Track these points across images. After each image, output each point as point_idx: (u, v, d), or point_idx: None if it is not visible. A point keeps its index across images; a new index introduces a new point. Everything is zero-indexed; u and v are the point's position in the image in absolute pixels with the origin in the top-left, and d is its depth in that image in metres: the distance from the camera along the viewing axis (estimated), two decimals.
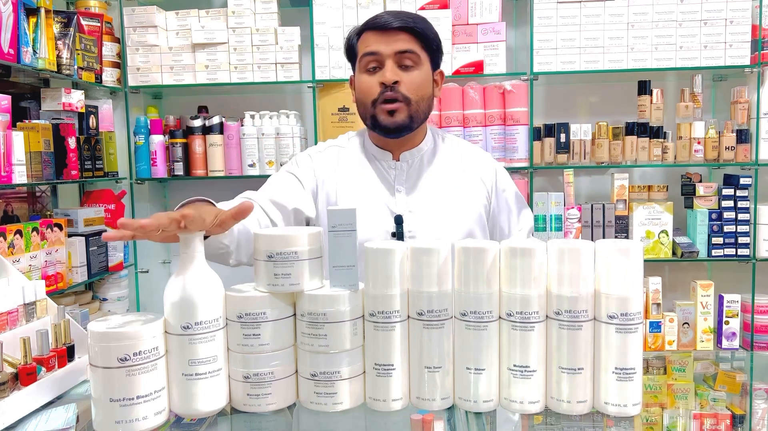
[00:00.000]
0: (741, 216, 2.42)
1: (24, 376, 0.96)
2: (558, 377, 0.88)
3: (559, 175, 2.60)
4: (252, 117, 2.54)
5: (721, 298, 2.46)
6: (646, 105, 2.43)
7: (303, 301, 0.91)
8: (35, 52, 1.98)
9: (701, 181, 2.54)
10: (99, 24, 2.42)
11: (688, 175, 2.57)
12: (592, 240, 0.89)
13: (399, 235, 1.39)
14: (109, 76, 2.51)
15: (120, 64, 2.56)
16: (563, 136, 2.43)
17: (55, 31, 2.12)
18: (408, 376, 0.92)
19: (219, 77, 2.52)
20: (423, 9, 2.42)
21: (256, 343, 0.89)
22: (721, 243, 2.43)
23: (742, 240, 2.42)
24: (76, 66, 2.23)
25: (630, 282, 0.86)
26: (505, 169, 1.59)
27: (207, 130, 2.55)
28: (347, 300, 0.90)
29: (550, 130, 2.45)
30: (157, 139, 2.56)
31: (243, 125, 2.54)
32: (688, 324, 2.47)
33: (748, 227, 2.42)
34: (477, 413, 0.92)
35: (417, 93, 1.37)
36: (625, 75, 2.46)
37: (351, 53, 1.44)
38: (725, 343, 2.46)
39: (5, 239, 1.78)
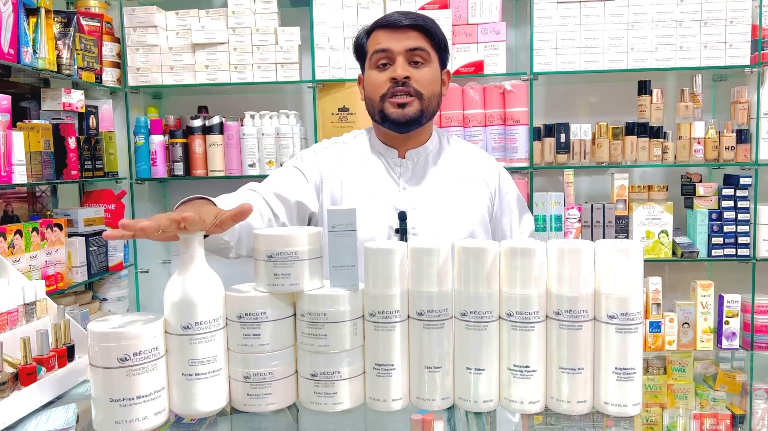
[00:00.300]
0: (741, 216, 2.42)
1: (24, 376, 0.96)
2: (558, 377, 0.88)
3: (559, 175, 2.60)
4: (252, 117, 2.54)
5: (721, 298, 2.46)
6: (646, 105, 2.43)
7: (303, 301, 0.91)
8: (35, 52, 1.98)
9: (701, 181, 2.54)
10: (99, 24, 2.42)
11: (688, 175, 2.57)
12: (592, 240, 0.89)
13: (402, 231, 1.40)
14: (109, 76, 2.51)
15: (120, 64, 2.56)
16: (563, 136, 2.43)
17: (55, 31, 2.12)
18: (408, 376, 0.92)
19: (219, 77, 2.52)
20: (423, 9, 2.42)
21: (256, 343, 0.89)
22: (721, 243, 2.43)
23: (742, 240, 2.42)
24: (76, 66, 2.23)
25: (630, 282, 0.86)
26: (506, 169, 1.59)
27: (207, 130, 2.55)
28: (347, 300, 0.90)
29: (550, 130, 2.45)
30: (157, 139, 2.56)
31: (243, 125, 2.54)
32: (688, 324, 2.47)
33: (748, 227, 2.42)
34: (477, 413, 0.92)
35: (428, 89, 1.39)
36: (625, 75, 2.45)
37: (360, 52, 1.46)
38: (725, 343, 2.46)
39: (5, 239, 1.78)
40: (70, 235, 2.15)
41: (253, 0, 2.53)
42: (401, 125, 1.39)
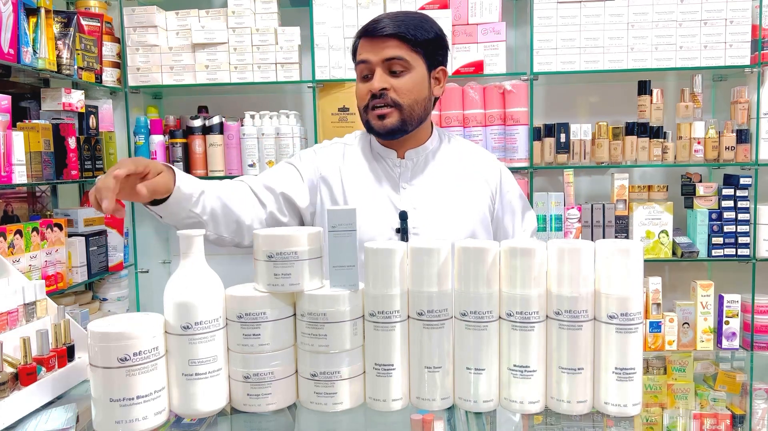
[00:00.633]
0: (741, 216, 2.42)
1: (24, 376, 0.96)
2: (558, 377, 0.88)
3: (559, 175, 2.60)
4: (252, 117, 2.54)
5: (721, 298, 2.46)
6: (646, 105, 2.43)
7: (303, 301, 0.91)
8: (35, 52, 1.98)
9: (701, 181, 2.54)
10: (99, 24, 2.42)
11: (688, 175, 2.57)
12: (592, 240, 0.89)
13: (403, 231, 1.40)
14: (109, 76, 2.51)
15: (120, 64, 2.56)
16: (563, 136, 2.43)
17: (55, 31, 2.12)
18: (408, 376, 0.92)
19: (219, 77, 2.52)
20: (423, 9, 2.42)
21: (256, 343, 0.89)
22: (721, 243, 2.43)
23: (742, 240, 2.42)
24: (76, 66, 2.23)
25: (630, 282, 0.86)
26: (510, 172, 1.59)
27: (207, 130, 2.55)
28: (347, 300, 0.90)
29: (550, 130, 2.45)
30: (157, 139, 2.56)
31: (243, 125, 2.54)
32: (688, 324, 2.47)
33: (748, 227, 2.42)
34: (477, 413, 0.92)
35: (408, 97, 1.38)
36: (625, 75, 2.45)
37: (354, 58, 1.47)
38: (725, 343, 2.46)
39: (5, 239, 1.78)
40: (70, 235, 2.15)
41: (253, 0, 2.53)
42: (383, 136, 1.42)
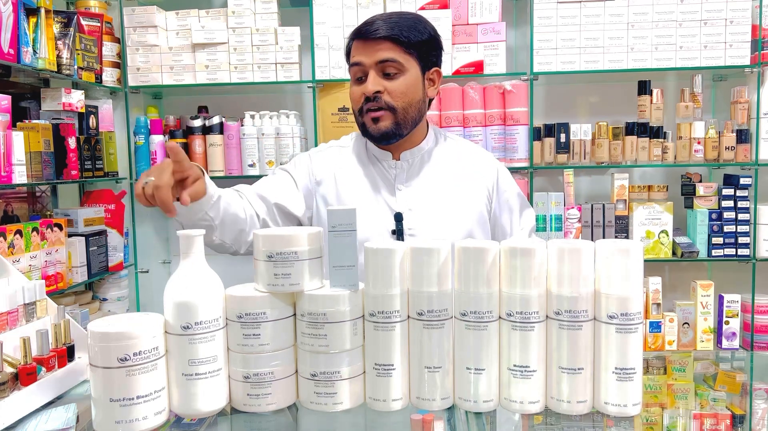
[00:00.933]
0: (741, 216, 2.42)
1: (24, 376, 0.96)
2: (558, 377, 0.88)
3: (559, 175, 2.60)
4: (252, 117, 2.54)
5: (721, 298, 2.46)
6: (646, 105, 2.43)
7: (303, 301, 0.91)
8: (35, 52, 1.98)
9: (701, 181, 2.54)
10: (99, 24, 2.42)
11: (688, 175, 2.57)
12: (592, 240, 0.89)
13: (399, 232, 1.40)
14: (109, 76, 2.50)
15: (120, 64, 2.56)
16: (563, 136, 2.43)
17: (55, 31, 2.12)
18: (408, 376, 0.92)
19: (219, 77, 2.52)
20: (423, 9, 2.42)
21: (256, 343, 0.89)
22: (721, 243, 2.43)
23: (742, 240, 2.42)
24: (76, 66, 2.23)
25: (630, 282, 0.86)
26: (507, 170, 1.59)
27: (207, 130, 2.55)
28: (347, 300, 0.90)
29: (550, 130, 2.45)
30: (157, 139, 2.56)
31: (243, 125, 2.54)
32: (688, 324, 2.47)
33: (748, 227, 2.42)
34: (477, 413, 0.92)
35: (402, 100, 1.37)
36: (625, 75, 2.45)
37: (348, 59, 1.46)
38: (725, 343, 2.46)
39: (5, 239, 1.78)
40: (70, 235, 2.15)
41: (253, 0, 2.53)
42: (378, 140, 1.42)
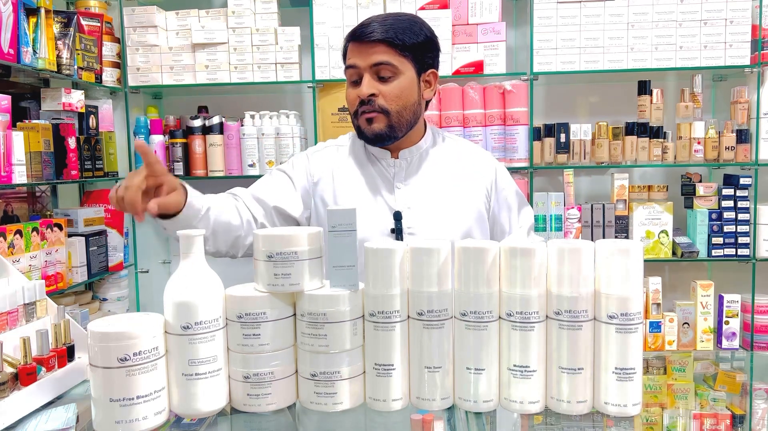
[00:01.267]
0: (741, 216, 2.42)
1: (24, 376, 0.96)
2: (558, 377, 0.88)
3: (559, 175, 2.60)
4: (252, 117, 2.54)
5: (721, 298, 2.46)
6: (646, 105, 2.43)
7: (303, 301, 0.91)
8: (35, 52, 1.98)
9: (701, 181, 2.54)
10: (99, 24, 2.42)
11: (688, 175, 2.57)
12: (592, 240, 0.89)
13: (398, 231, 1.40)
14: (109, 76, 2.50)
15: (120, 64, 2.56)
16: (563, 136, 2.43)
17: (55, 31, 2.12)
18: (408, 376, 0.92)
19: (219, 77, 2.52)
20: (423, 9, 2.42)
21: (256, 343, 0.89)
22: (721, 243, 2.43)
23: (742, 240, 2.42)
24: (76, 66, 2.23)
25: (630, 282, 0.86)
26: (505, 169, 1.59)
27: (207, 130, 2.55)
28: (347, 300, 0.90)
29: (550, 130, 2.45)
30: (157, 139, 2.56)
31: (243, 125, 2.54)
32: (688, 324, 2.47)
33: (748, 227, 2.42)
34: (477, 413, 0.92)
35: (396, 103, 1.37)
36: (625, 75, 2.45)
37: (344, 61, 1.46)
38: (725, 343, 2.46)
39: (5, 239, 1.78)
40: (70, 235, 2.15)
41: (253, 0, 2.53)
42: (372, 141, 1.42)
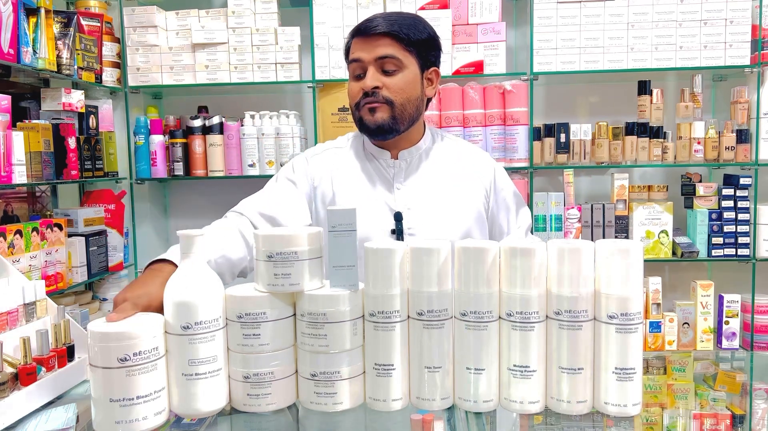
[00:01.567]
0: (741, 216, 2.42)
1: (24, 376, 0.96)
2: (558, 377, 0.88)
3: (559, 175, 2.60)
4: (252, 117, 2.54)
5: (721, 298, 2.46)
6: (646, 105, 2.43)
7: (303, 301, 0.91)
8: (35, 52, 1.98)
9: (701, 181, 2.54)
10: (99, 24, 2.42)
11: (688, 175, 2.57)
12: (592, 240, 0.89)
13: (398, 232, 1.40)
14: (109, 76, 2.51)
15: (120, 64, 2.56)
16: (563, 136, 2.43)
17: (55, 31, 2.12)
18: (408, 376, 0.92)
19: (219, 77, 2.52)
20: (423, 9, 2.42)
21: (256, 343, 0.89)
22: (721, 243, 2.43)
23: (742, 240, 2.42)
24: (76, 66, 2.23)
25: (630, 283, 0.86)
26: (505, 169, 1.59)
27: (207, 130, 2.55)
28: (347, 300, 0.90)
29: (550, 130, 2.45)
30: (157, 139, 2.56)
31: (243, 125, 2.54)
32: (688, 324, 2.47)
33: (748, 227, 2.42)
34: (477, 413, 0.92)
35: (400, 95, 1.38)
36: (625, 75, 2.45)
37: (347, 57, 1.46)
38: (725, 343, 2.46)
39: (5, 239, 1.78)
40: (70, 235, 2.15)
41: (253, 0, 2.53)
42: (374, 133, 1.40)
